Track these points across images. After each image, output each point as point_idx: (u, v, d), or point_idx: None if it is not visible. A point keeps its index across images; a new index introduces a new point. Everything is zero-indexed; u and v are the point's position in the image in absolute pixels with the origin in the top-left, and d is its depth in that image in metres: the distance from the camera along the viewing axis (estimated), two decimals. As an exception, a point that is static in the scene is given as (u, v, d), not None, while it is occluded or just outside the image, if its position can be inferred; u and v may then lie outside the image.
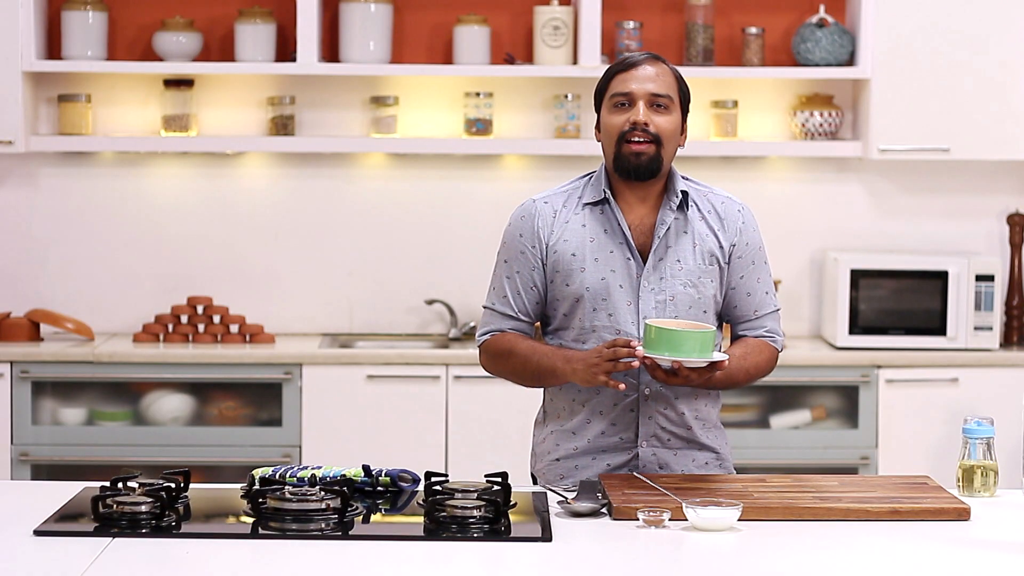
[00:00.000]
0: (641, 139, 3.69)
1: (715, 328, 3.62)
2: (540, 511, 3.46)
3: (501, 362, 3.81)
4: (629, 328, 3.72)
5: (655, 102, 3.71)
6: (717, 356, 3.59)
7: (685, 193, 3.77)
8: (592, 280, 3.73)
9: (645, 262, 3.74)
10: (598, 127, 3.79)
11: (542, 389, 3.90)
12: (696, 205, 3.79)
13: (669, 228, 3.76)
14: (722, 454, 3.87)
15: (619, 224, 3.75)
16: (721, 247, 3.78)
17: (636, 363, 3.56)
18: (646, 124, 3.69)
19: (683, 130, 3.78)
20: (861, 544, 3.26)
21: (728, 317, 3.85)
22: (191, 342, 6.14)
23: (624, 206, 3.77)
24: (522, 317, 3.80)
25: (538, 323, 3.88)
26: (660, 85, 3.71)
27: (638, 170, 3.70)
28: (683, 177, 3.81)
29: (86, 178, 6.32)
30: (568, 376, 3.68)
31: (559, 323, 3.80)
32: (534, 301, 3.80)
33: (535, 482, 3.89)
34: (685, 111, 3.78)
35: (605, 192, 3.76)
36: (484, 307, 3.85)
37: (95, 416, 6.01)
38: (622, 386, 3.60)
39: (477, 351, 5.15)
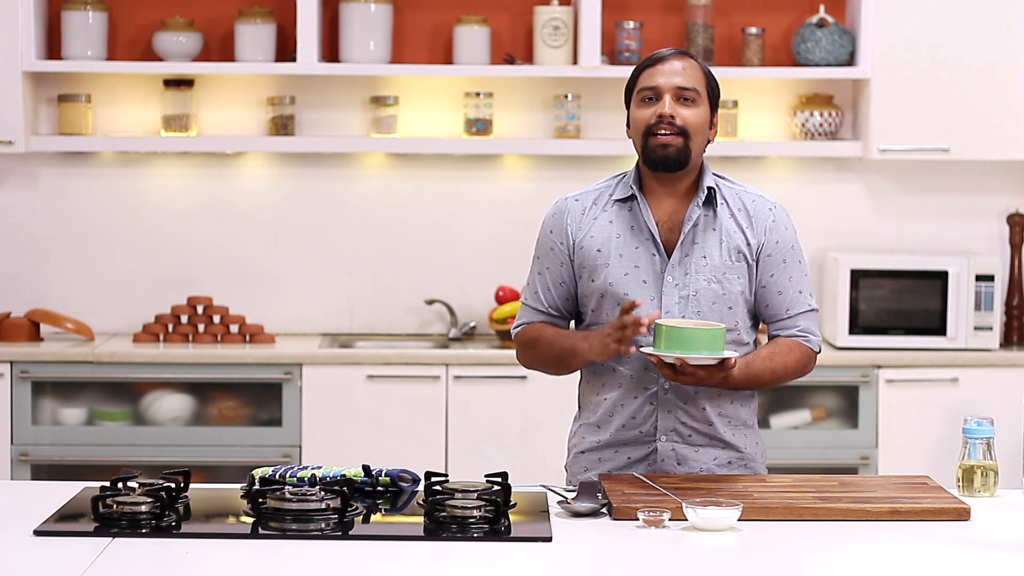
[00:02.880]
0: (667, 131, 3.72)
1: (723, 326, 3.63)
2: (540, 511, 3.46)
3: (531, 351, 3.88)
4: None
5: (682, 95, 3.74)
6: (725, 353, 3.59)
7: (712, 189, 3.79)
8: (615, 276, 3.76)
9: (671, 258, 3.76)
10: (628, 123, 3.81)
11: (576, 385, 3.92)
12: (726, 202, 3.81)
13: (696, 224, 3.77)
14: (747, 454, 3.85)
15: (645, 221, 3.77)
16: (749, 244, 3.79)
17: (646, 321, 3.58)
18: (672, 116, 3.72)
19: (712, 124, 3.80)
20: (861, 544, 3.26)
21: (762, 316, 3.86)
22: (191, 342, 6.14)
23: (654, 201, 3.80)
24: (552, 312, 3.85)
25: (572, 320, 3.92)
26: (687, 79, 3.74)
27: (665, 161, 3.73)
28: (716, 175, 3.83)
29: (86, 178, 6.32)
30: (587, 353, 3.73)
31: (589, 319, 3.84)
32: (564, 297, 3.84)
33: (567, 475, 3.92)
34: (714, 106, 3.80)
35: (632, 188, 3.78)
36: (521, 302, 3.92)
37: (95, 416, 6.01)
38: (633, 349, 3.63)
39: (479, 351, 5.14)
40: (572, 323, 3.92)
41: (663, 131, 3.72)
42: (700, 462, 3.81)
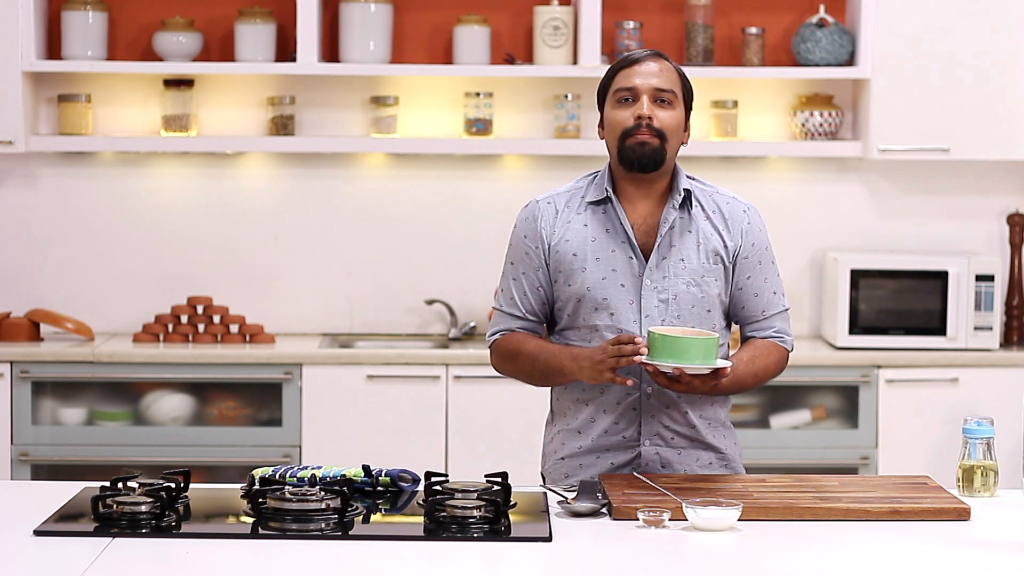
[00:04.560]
0: (645, 134, 3.70)
1: (718, 335, 3.61)
2: (540, 511, 3.46)
3: (509, 362, 3.83)
4: (631, 327, 3.72)
5: (658, 97, 3.72)
6: (720, 363, 3.59)
7: (688, 191, 3.78)
8: (593, 280, 3.74)
9: (648, 261, 3.74)
10: (601, 124, 3.80)
11: (549, 389, 3.90)
12: (700, 204, 3.80)
13: (673, 226, 3.76)
14: (728, 454, 3.86)
15: (621, 223, 3.75)
16: (726, 247, 3.78)
17: (641, 358, 3.55)
18: (650, 118, 3.70)
19: (686, 127, 3.78)
20: (861, 544, 3.26)
21: (736, 318, 3.86)
22: (191, 342, 6.14)
23: (628, 204, 3.78)
24: (529, 317, 3.81)
25: (545, 324, 3.89)
26: (663, 80, 3.73)
27: (642, 160, 3.71)
28: (688, 176, 3.81)
29: (86, 178, 6.32)
30: (575, 374, 3.69)
31: (565, 323, 3.80)
32: (541, 301, 3.81)
33: (545, 482, 3.89)
34: (688, 108, 3.78)
35: (607, 191, 3.76)
36: (493, 308, 3.87)
37: (95, 416, 6.01)
38: (629, 382, 3.61)
39: (479, 351, 5.08)
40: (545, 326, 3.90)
41: (641, 133, 3.70)
42: (684, 464, 3.80)
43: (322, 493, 3.39)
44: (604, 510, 3.47)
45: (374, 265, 6.39)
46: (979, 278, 6.09)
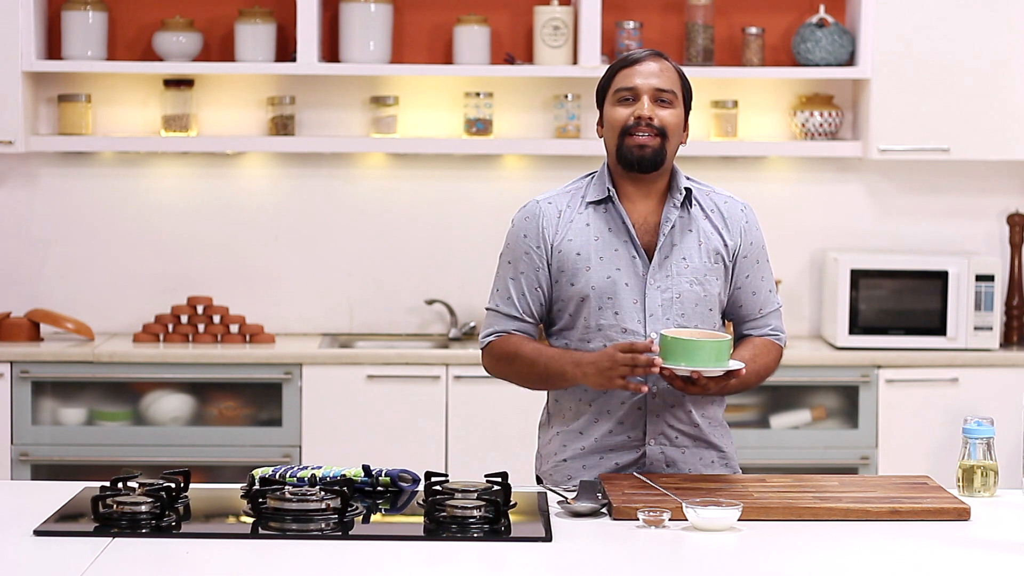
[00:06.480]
0: (646, 133, 3.70)
1: (729, 336, 3.62)
2: (540, 511, 3.46)
3: (505, 365, 3.80)
4: (635, 326, 3.72)
5: (659, 97, 3.72)
6: (733, 364, 3.59)
7: (688, 190, 3.78)
8: (598, 279, 3.73)
9: (651, 260, 3.74)
10: (600, 123, 3.80)
11: (546, 392, 3.90)
12: (700, 203, 3.80)
13: (674, 226, 3.76)
14: (727, 452, 3.87)
15: (623, 222, 3.75)
16: (726, 245, 3.79)
17: (656, 369, 3.55)
18: (651, 118, 3.70)
19: (685, 126, 3.79)
20: (861, 544, 3.26)
21: (733, 316, 3.86)
22: (191, 342, 6.14)
23: (628, 204, 3.78)
24: (527, 318, 3.80)
25: (541, 325, 3.88)
26: (664, 80, 3.73)
27: (641, 162, 3.71)
28: (686, 176, 3.82)
29: (86, 178, 6.32)
30: (579, 380, 3.67)
31: (564, 323, 3.80)
32: (539, 302, 3.79)
33: (539, 484, 3.88)
34: (688, 107, 3.79)
35: (609, 190, 3.76)
36: (487, 309, 3.84)
37: (95, 416, 6.01)
38: (644, 388, 3.60)
39: (479, 351, 5.11)
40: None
41: (641, 132, 3.71)
42: (688, 464, 3.80)
43: (322, 493, 3.39)
44: (604, 510, 3.47)
45: (374, 265, 6.39)
46: (979, 278, 6.09)
